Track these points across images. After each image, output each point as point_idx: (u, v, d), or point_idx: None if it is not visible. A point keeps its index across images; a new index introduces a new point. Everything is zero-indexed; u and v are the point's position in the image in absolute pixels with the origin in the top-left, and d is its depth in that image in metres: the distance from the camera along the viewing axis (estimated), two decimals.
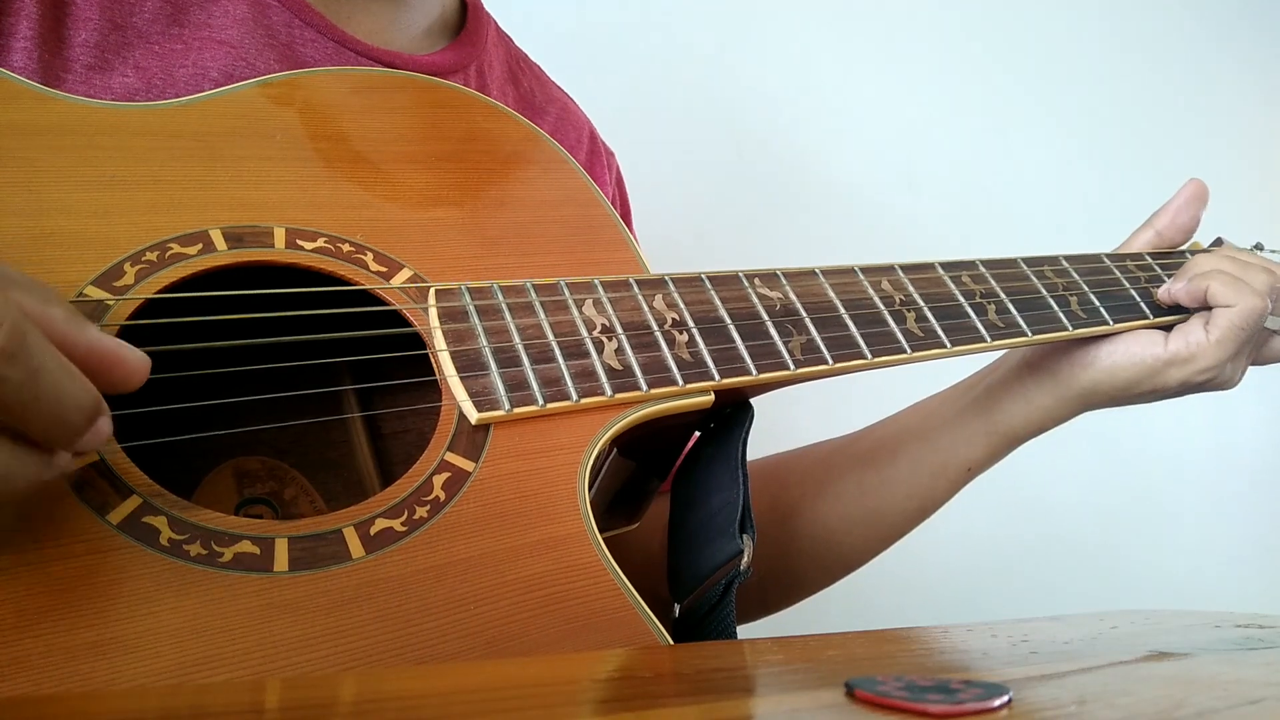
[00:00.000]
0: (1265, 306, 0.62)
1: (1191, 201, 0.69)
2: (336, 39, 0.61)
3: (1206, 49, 1.51)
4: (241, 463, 0.53)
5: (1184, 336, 0.62)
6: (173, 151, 0.47)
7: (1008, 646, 0.42)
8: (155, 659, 0.34)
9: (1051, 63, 1.39)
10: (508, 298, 0.48)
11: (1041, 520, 1.30)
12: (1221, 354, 0.61)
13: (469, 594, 0.40)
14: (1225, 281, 0.62)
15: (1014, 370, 0.67)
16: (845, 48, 1.25)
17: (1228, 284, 0.62)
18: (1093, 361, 0.63)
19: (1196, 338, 0.61)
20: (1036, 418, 0.66)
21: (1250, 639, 0.44)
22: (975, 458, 0.67)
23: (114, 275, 0.42)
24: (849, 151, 1.24)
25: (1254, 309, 0.61)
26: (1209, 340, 0.61)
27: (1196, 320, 0.63)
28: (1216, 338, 0.61)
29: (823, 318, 0.54)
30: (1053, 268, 0.63)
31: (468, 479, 0.43)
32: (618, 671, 0.37)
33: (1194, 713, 0.28)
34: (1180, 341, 0.62)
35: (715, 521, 0.51)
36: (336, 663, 0.36)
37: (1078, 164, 1.39)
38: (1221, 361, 0.61)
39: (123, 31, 0.55)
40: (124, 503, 0.37)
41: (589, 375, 0.47)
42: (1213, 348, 0.61)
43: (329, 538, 0.39)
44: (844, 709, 0.28)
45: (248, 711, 0.29)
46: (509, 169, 0.55)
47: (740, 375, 0.50)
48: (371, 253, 0.48)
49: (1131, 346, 0.62)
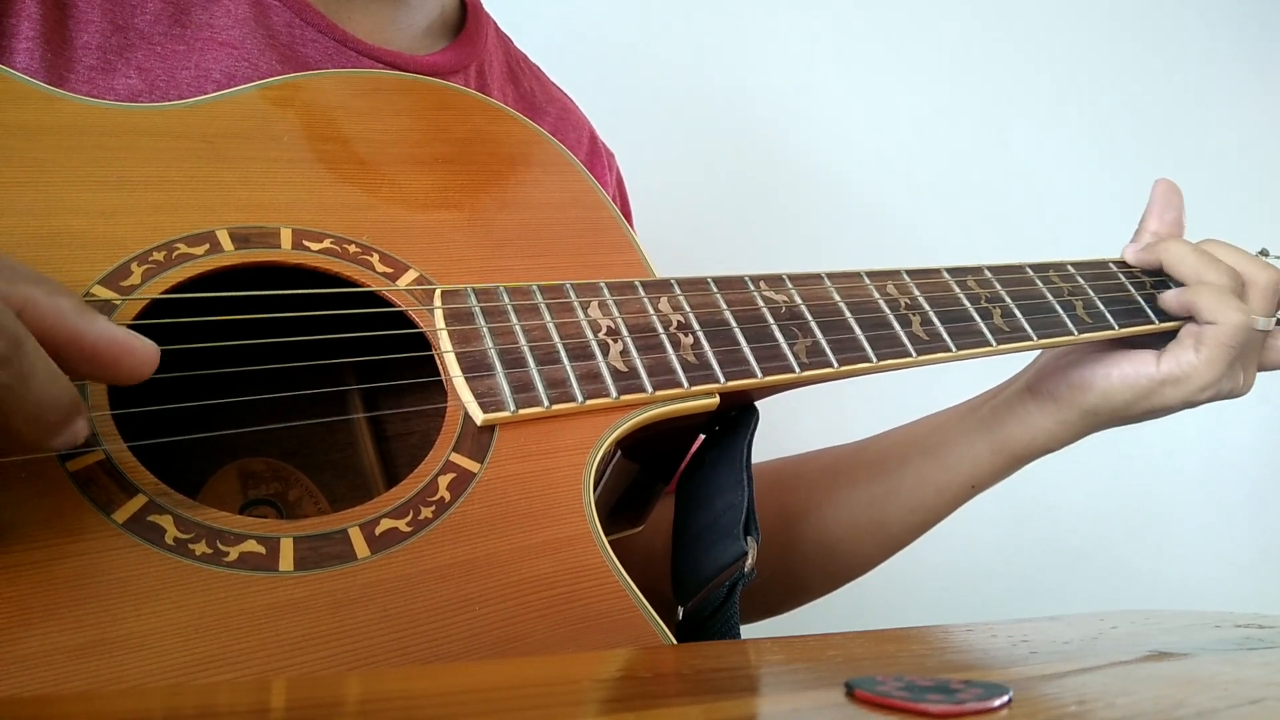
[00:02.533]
0: (1247, 320, 0.61)
1: (1169, 197, 0.69)
2: (337, 38, 0.61)
3: (1208, 48, 1.51)
4: (246, 464, 0.53)
5: (1174, 357, 0.62)
6: (180, 152, 0.47)
7: (1008, 646, 0.42)
8: (160, 658, 0.34)
9: (1052, 62, 1.39)
10: (513, 299, 0.48)
11: (1041, 520, 1.30)
12: (1213, 372, 0.61)
13: (474, 595, 0.40)
14: (1211, 296, 0.62)
15: (1017, 393, 0.67)
16: (845, 47, 1.25)
17: (1214, 299, 0.61)
18: (1090, 385, 0.63)
19: (1187, 358, 0.61)
20: (1040, 439, 0.66)
21: (1250, 639, 0.44)
22: (979, 475, 0.67)
23: (121, 275, 0.42)
24: (849, 151, 1.24)
25: (1237, 325, 0.61)
26: (1199, 361, 0.61)
27: (1188, 339, 0.62)
28: (1206, 358, 0.61)
29: (828, 321, 0.54)
30: (1058, 273, 0.63)
31: (473, 480, 0.43)
32: (618, 671, 0.37)
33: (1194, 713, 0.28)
34: (1171, 362, 0.62)
35: (720, 524, 0.51)
36: (341, 662, 0.36)
37: (1078, 163, 1.39)
38: (1216, 378, 0.61)
39: (125, 33, 0.55)
40: (130, 501, 0.37)
41: (594, 377, 0.47)
42: (1203, 368, 0.61)
43: (334, 538, 0.39)
44: (844, 709, 0.28)
45: (252, 711, 0.29)
46: (514, 171, 0.56)
47: (745, 377, 0.50)
48: (378, 254, 0.48)
49: (1125, 369, 0.63)
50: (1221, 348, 0.61)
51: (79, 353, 0.34)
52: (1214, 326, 0.61)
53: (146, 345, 0.36)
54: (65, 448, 0.35)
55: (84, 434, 0.35)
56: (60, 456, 0.37)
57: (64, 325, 0.33)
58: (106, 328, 0.34)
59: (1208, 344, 0.61)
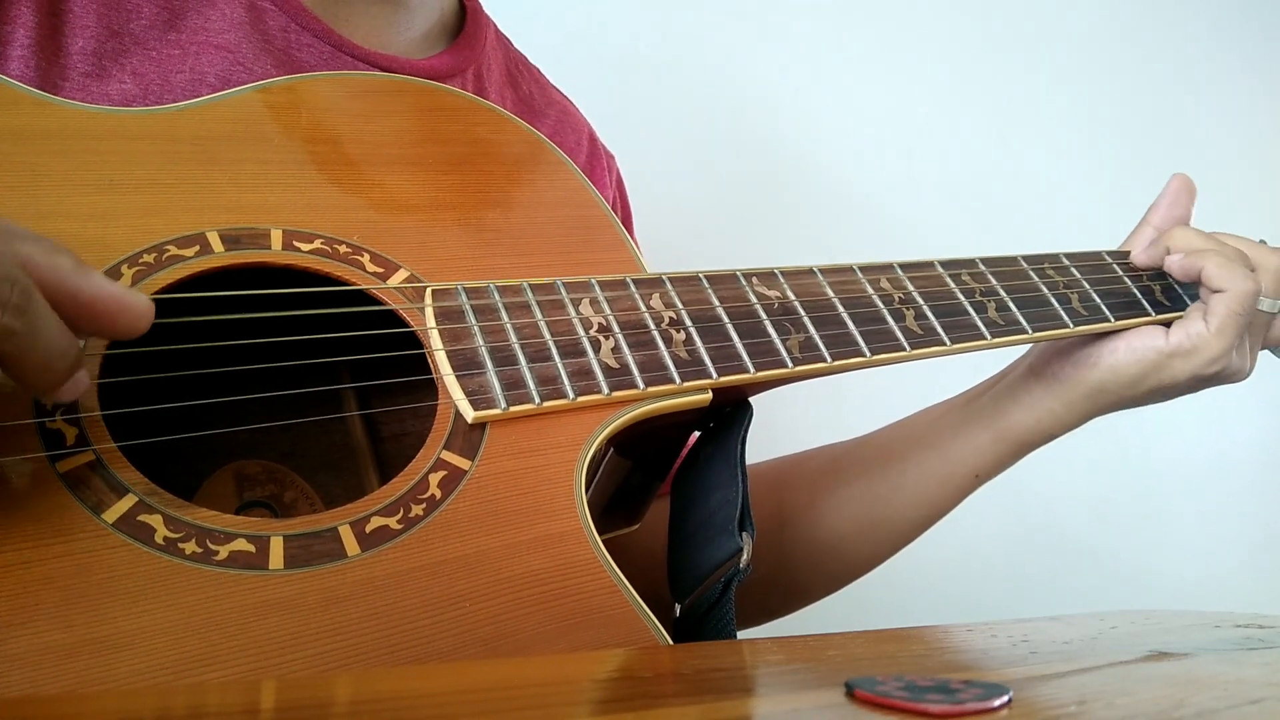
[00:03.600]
0: (1257, 288, 0.61)
1: (1180, 194, 0.68)
2: (333, 43, 0.61)
3: (1207, 46, 1.51)
4: (241, 466, 0.54)
5: (1184, 329, 0.61)
6: (170, 155, 0.47)
7: (1008, 646, 0.42)
8: (150, 657, 0.34)
9: (1051, 60, 1.39)
10: (504, 297, 0.49)
11: (1042, 520, 1.30)
12: (1223, 342, 0.60)
13: (465, 591, 0.40)
14: (1219, 263, 0.61)
15: (1020, 377, 0.66)
16: (845, 48, 1.25)
17: (1222, 266, 0.61)
18: (1096, 361, 0.63)
19: (1196, 329, 0.61)
20: (1045, 424, 0.65)
21: (1250, 639, 0.43)
22: (983, 465, 0.67)
23: (112, 277, 0.42)
24: (849, 151, 1.24)
25: (1248, 291, 0.61)
26: (1209, 330, 0.61)
27: (1194, 312, 0.62)
28: (1216, 326, 0.60)
29: (821, 316, 0.54)
30: (1053, 265, 0.63)
31: (464, 477, 0.43)
32: (617, 671, 0.37)
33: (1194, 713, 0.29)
34: (1181, 334, 0.61)
35: (715, 520, 0.51)
36: (332, 661, 0.36)
37: (1078, 161, 1.39)
38: (1225, 350, 0.61)
39: (119, 38, 0.55)
40: (119, 501, 0.37)
41: (586, 374, 0.47)
42: (1214, 337, 0.60)
43: (324, 535, 0.39)
44: (844, 709, 0.28)
45: (243, 712, 0.29)
46: (506, 171, 0.56)
47: (738, 373, 0.50)
48: (368, 254, 0.48)
49: (1133, 342, 0.62)
50: (1232, 315, 0.60)
51: (77, 308, 0.35)
52: (1223, 295, 0.61)
53: (141, 300, 0.37)
54: (69, 398, 0.37)
55: (84, 385, 0.37)
56: (50, 457, 0.37)
57: (63, 282, 0.35)
58: (103, 284, 0.36)
59: (1217, 313, 0.61)
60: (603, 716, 0.30)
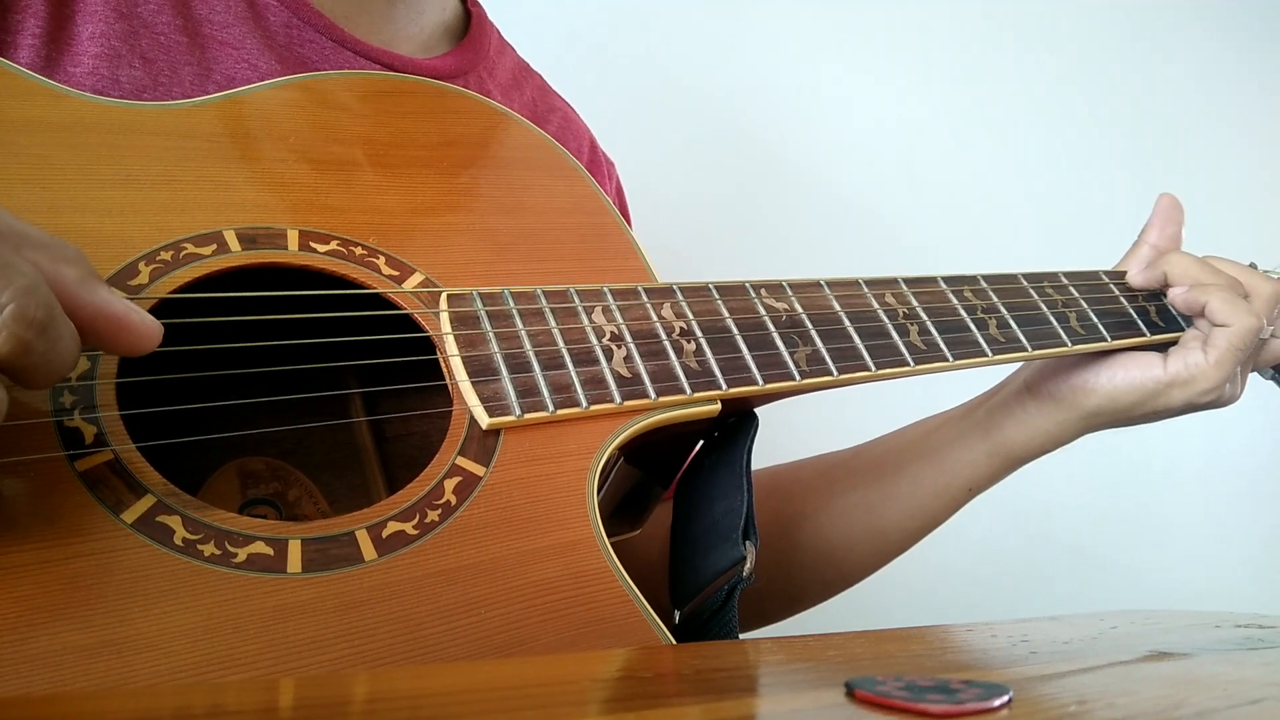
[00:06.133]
0: (1261, 325, 0.62)
1: (1171, 212, 0.70)
2: (336, 39, 0.61)
3: (1208, 50, 1.52)
4: (246, 463, 0.53)
5: (1182, 358, 0.62)
6: (188, 151, 0.47)
7: (1008, 646, 0.42)
8: (169, 658, 0.34)
9: (1051, 63, 1.40)
10: (518, 304, 0.49)
11: (1041, 520, 1.30)
12: (1221, 375, 0.62)
13: (479, 598, 0.40)
14: (1223, 299, 0.62)
15: (1015, 393, 0.67)
16: (845, 52, 1.26)
17: (1226, 302, 0.62)
18: (1095, 387, 0.64)
19: (1195, 359, 0.62)
20: (1038, 440, 0.66)
21: (1250, 639, 0.44)
22: (977, 478, 0.68)
23: (129, 274, 0.42)
24: (849, 155, 1.24)
25: (1250, 329, 0.62)
26: (1208, 362, 0.62)
27: (1194, 341, 0.63)
28: (1215, 359, 0.61)
29: (828, 329, 0.54)
30: (1052, 284, 0.64)
31: (478, 484, 0.43)
32: (619, 671, 0.37)
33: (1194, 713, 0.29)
34: (1179, 364, 0.62)
35: (719, 528, 0.51)
36: (348, 664, 0.36)
37: (1077, 165, 1.40)
38: (1222, 381, 0.62)
39: (129, 20, 0.55)
40: (138, 501, 0.37)
41: (598, 382, 0.47)
42: (1212, 369, 0.61)
43: (342, 540, 0.39)
44: (844, 709, 0.28)
45: (260, 711, 0.29)
46: (519, 175, 0.56)
47: (747, 385, 0.51)
48: (384, 256, 0.48)
49: (1131, 371, 0.63)
50: (1232, 350, 0.61)
51: (78, 322, 0.35)
52: (1225, 329, 0.62)
53: (147, 321, 0.36)
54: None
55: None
56: (69, 456, 0.37)
57: (65, 294, 0.34)
58: (106, 301, 0.35)
59: (1218, 346, 0.62)
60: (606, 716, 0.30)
